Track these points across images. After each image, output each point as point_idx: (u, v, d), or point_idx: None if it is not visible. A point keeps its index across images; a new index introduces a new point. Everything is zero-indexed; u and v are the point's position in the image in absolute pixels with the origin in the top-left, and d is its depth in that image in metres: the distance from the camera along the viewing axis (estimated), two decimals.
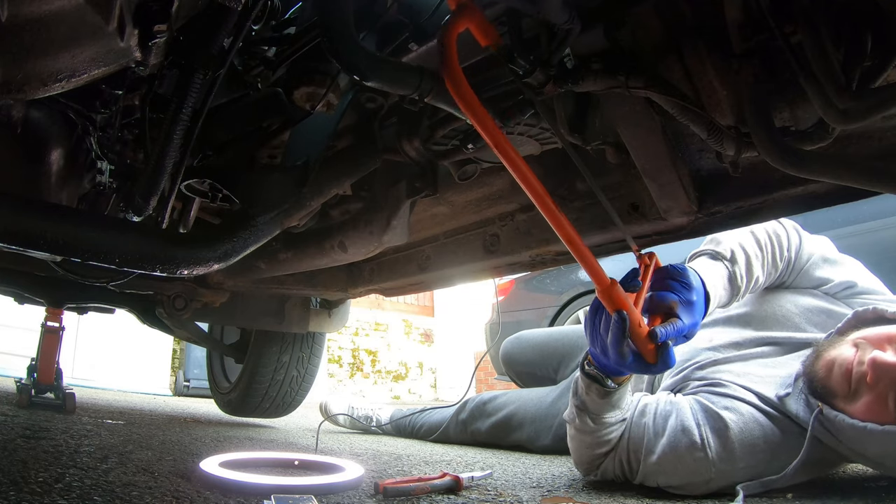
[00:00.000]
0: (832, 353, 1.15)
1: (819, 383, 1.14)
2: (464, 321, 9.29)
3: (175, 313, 1.84)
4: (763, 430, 1.18)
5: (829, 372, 1.13)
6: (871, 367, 1.06)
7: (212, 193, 1.08)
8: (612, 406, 1.21)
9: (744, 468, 1.17)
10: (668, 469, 1.20)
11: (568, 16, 0.69)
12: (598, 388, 1.17)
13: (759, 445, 1.17)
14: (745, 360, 1.33)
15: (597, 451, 1.29)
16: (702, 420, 1.20)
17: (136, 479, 1.05)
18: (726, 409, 1.20)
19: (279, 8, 0.91)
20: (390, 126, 1.10)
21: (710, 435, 1.18)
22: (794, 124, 0.76)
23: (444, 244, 1.53)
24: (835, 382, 1.12)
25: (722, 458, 1.16)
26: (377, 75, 0.77)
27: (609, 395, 1.18)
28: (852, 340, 1.14)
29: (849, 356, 1.11)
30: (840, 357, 1.13)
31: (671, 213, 0.99)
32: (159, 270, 0.92)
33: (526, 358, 2.47)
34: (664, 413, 1.24)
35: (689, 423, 1.20)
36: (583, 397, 1.22)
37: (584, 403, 1.23)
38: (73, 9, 0.57)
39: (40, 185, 1.03)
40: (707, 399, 1.24)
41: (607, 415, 1.22)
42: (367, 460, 1.60)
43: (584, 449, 1.30)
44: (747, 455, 1.17)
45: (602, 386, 1.16)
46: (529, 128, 0.95)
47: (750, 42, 0.67)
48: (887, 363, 1.05)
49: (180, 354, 6.89)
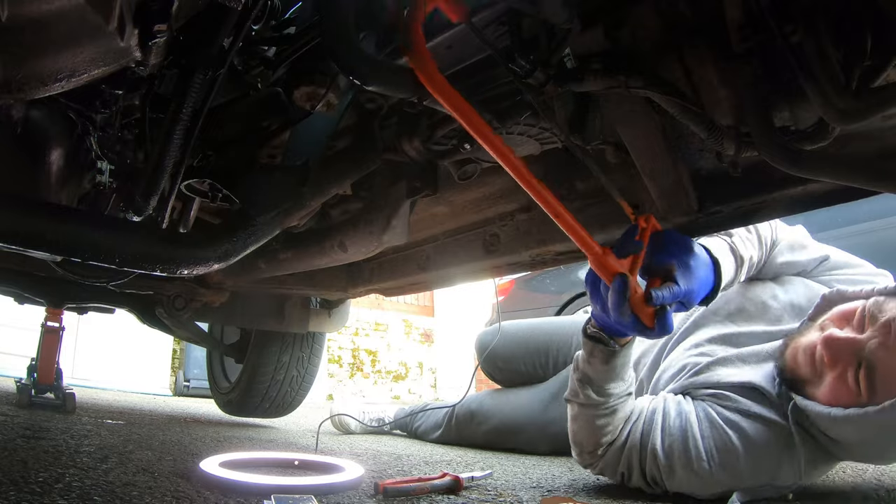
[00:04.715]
0: (799, 341, 1.16)
1: (788, 373, 1.15)
2: (464, 321, 9.29)
3: (175, 313, 1.84)
4: (767, 443, 1.15)
5: (794, 360, 1.14)
6: (826, 346, 1.06)
7: (212, 193, 1.08)
8: (616, 375, 1.16)
9: (751, 480, 1.15)
10: (692, 486, 1.18)
11: (568, 15, 0.69)
12: (601, 351, 1.13)
13: (763, 462, 1.15)
14: (738, 359, 1.31)
15: (602, 433, 1.23)
16: (707, 434, 1.18)
17: (136, 479, 1.05)
18: (732, 425, 1.17)
19: (279, 8, 0.91)
20: (390, 126, 1.10)
21: (716, 455, 1.15)
22: (794, 124, 0.76)
23: (444, 244, 1.53)
24: (801, 369, 1.12)
25: (730, 476, 1.15)
26: (376, 79, 0.77)
27: (612, 357, 1.14)
28: (820, 324, 1.15)
29: (813, 339, 1.12)
30: (804, 342, 1.13)
31: (671, 212, 0.99)
32: (159, 270, 0.92)
33: (508, 352, 2.23)
34: (678, 430, 1.20)
35: (698, 443, 1.17)
36: (584, 368, 1.18)
37: (586, 375, 1.19)
38: (73, 8, 0.57)
39: (40, 185, 1.03)
40: (714, 411, 1.21)
41: (611, 384, 1.18)
42: (367, 460, 1.60)
43: (588, 429, 1.24)
44: (753, 471, 1.15)
45: (605, 346, 1.12)
46: (529, 128, 0.95)
47: (750, 42, 0.66)
48: (838, 339, 1.05)
49: (180, 354, 6.89)
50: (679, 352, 1.40)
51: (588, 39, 0.75)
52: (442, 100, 0.68)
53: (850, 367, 1.04)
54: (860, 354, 1.03)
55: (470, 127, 0.69)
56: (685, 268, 0.91)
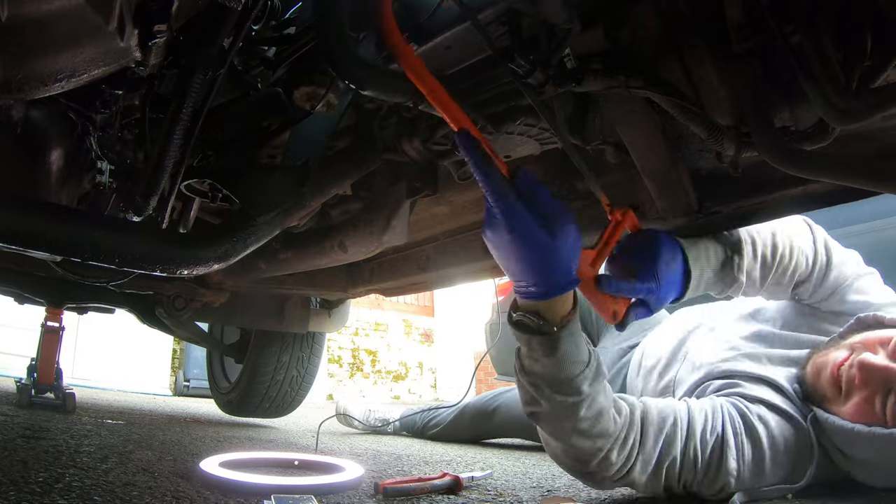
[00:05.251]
0: (822, 358, 1.15)
1: (810, 386, 1.15)
2: (464, 321, 9.29)
3: (175, 313, 1.84)
4: (789, 439, 1.13)
5: (817, 376, 1.14)
6: (860, 369, 1.06)
7: (212, 193, 1.08)
8: (571, 360, 0.88)
9: (771, 477, 1.12)
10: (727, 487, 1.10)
11: (568, 15, 0.69)
12: (540, 343, 0.87)
13: (781, 460, 1.12)
14: (766, 357, 1.28)
15: (597, 440, 0.96)
16: (740, 431, 1.11)
17: (136, 479, 1.05)
18: (762, 423, 1.12)
19: (279, 8, 0.91)
20: (390, 126, 1.10)
21: (748, 454, 1.10)
22: (794, 124, 0.76)
23: (444, 244, 1.53)
24: (822, 386, 1.12)
25: (754, 476, 1.11)
26: (372, 85, 0.78)
27: (556, 345, 0.86)
28: (850, 344, 1.14)
29: (838, 359, 1.11)
30: (829, 360, 1.13)
31: (671, 213, 0.99)
32: (159, 270, 0.92)
33: None
34: (712, 443, 1.09)
35: (733, 462, 1.08)
36: (531, 367, 0.91)
37: (534, 374, 0.91)
38: (73, 8, 0.57)
39: (40, 185, 1.03)
40: (745, 407, 1.14)
41: (569, 374, 0.88)
42: (367, 460, 1.60)
43: (574, 441, 0.95)
44: (773, 471, 1.12)
45: (543, 335, 0.86)
46: (529, 128, 0.96)
47: (750, 42, 0.66)
48: (875, 365, 1.05)
49: (180, 354, 6.89)
50: (710, 342, 1.38)
51: (588, 39, 0.75)
52: (398, 57, 0.71)
53: (878, 393, 1.04)
54: (892, 383, 1.03)
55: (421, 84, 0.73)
56: (651, 266, 0.91)
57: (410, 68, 0.72)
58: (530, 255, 0.76)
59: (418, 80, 0.72)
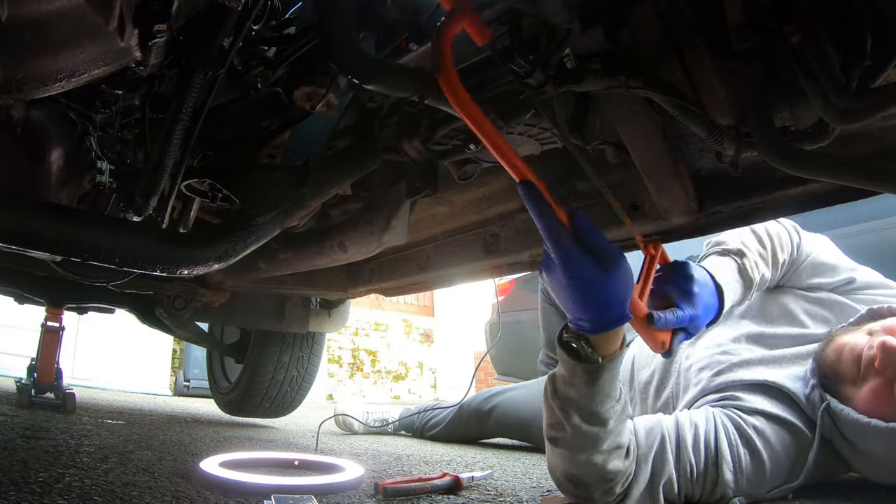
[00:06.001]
0: (844, 339, 1.16)
1: (829, 368, 1.14)
2: (464, 321, 9.29)
3: (175, 313, 1.84)
4: (786, 447, 1.14)
5: (839, 356, 1.14)
6: (881, 350, 1.06)
7: (212, 193, 1.08)
8: (605, 394, 0.90)
9: (769, 484, 1.14)
10: None
11: (568, 16, 0.69)
12: (585, 371, 0.88)
13: (781, 466, 1.13)
14: (761, 363, 1.29)
15: (607, 474, 0.96)
16: (735, 442, 1.13)
17: (136, 479, 1.05)
18: (758, 434, 1.14)
19: (279, 8, 0.91)
20: (390, 126, 1.10)
21: (746, 464, 1.12)
22: (794, 124, 0.76)
23: (444, 244, 1.53)
24: (844, 366, 1.12)
25: (752, 486, 1.13)
26: (376, 80, 0.77)
27: (598, 375, 0.88)
28: (867, 329, 1.15)
29: (861, 341, 1.12)
30: (852, 342, 1.14)
31: (671, 212, 0.99)
32: (159, 270, 0.92)
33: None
34: (707, 455, 1.11)
35: (729, 476, 1.10)
36: (566, 392, 0.91)
37: (569, 399, 0.92)
38: (73, 8, 0.57)
39: (40, 185, 1.03)
40: (739, 419, 1.16)
41: (602, 407, 0.91)
42: (367, 460, 1.60)
43: (586, 471, 0.95)
44: (773, 478, 1.13)
45: (589, 363, 0.87)
46: (529, 128, 0.95)
47: (750, 42, 0.66)
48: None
49: (180, 354, 6.89)
50: (700, 350, 1.39)
51: (588, 40, 0.75)
52: (468, 121, 0.69)
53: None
54: None
55: (494, 149, 0.71)
56: (689, 294, 0.94)
57: (469, 117, 0.69)
58: (585, 295, 0.78)
59: (476, 125, 0.70)
